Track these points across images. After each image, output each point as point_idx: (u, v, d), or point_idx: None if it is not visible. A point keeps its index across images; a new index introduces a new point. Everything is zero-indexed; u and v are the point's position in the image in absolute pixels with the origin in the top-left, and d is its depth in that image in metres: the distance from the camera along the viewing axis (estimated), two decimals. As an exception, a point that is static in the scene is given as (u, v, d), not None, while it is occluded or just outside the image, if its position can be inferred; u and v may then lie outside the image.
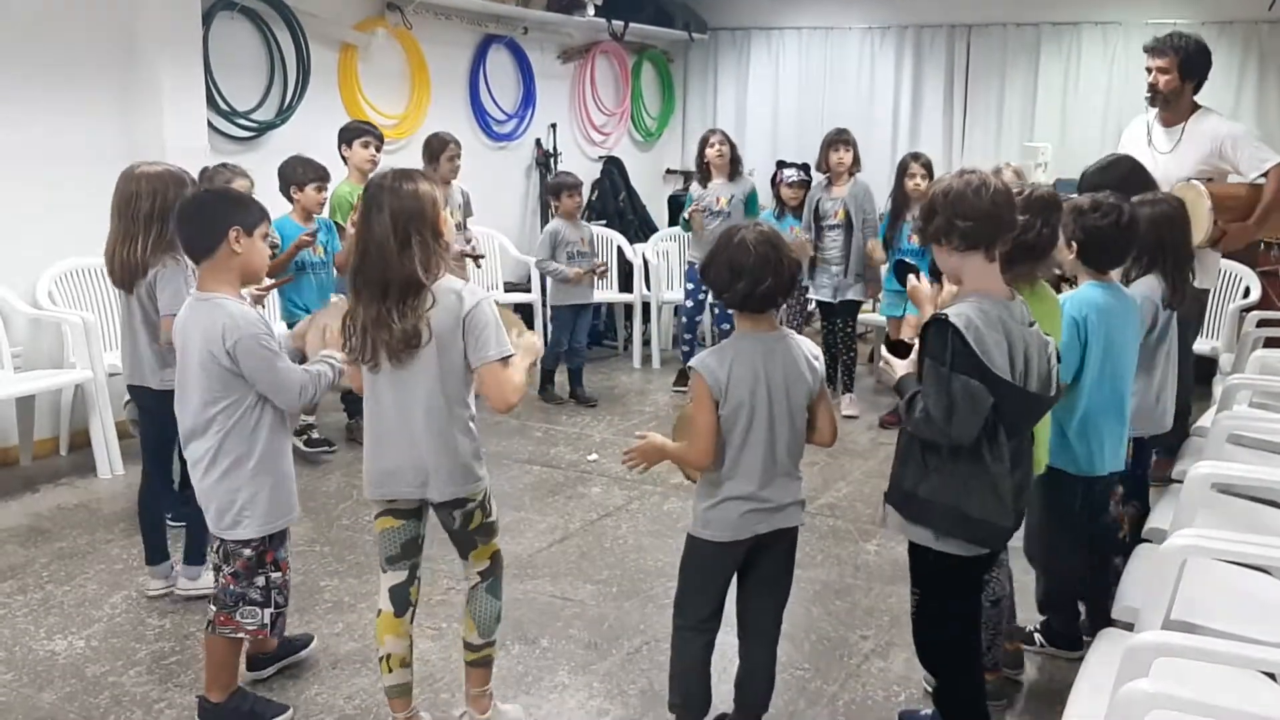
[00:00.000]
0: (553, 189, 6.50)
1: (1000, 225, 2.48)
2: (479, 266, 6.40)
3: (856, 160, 6.03)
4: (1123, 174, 3.91)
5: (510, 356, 2.63)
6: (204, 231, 2.79)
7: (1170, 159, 4.64)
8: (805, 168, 6.24)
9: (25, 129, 5.05)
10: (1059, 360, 2.62)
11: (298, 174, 5.02)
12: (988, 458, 2.45)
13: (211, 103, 5.73)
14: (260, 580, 2.87)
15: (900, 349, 2.67)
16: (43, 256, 5.14)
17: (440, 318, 2.57)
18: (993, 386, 2.39)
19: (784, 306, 6.10)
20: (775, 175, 6.32)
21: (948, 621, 2.68)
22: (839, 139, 6.02)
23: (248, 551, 2.85)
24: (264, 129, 6.07)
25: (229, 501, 2.81)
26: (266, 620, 2.89)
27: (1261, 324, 4.99)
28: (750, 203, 6.39)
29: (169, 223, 3.37)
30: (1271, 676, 2.27)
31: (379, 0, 6.72)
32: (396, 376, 2.62)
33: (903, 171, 5.80)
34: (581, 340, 6.43)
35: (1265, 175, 4.59)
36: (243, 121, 5.97)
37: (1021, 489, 2.57)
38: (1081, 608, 3.41)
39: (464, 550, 2.81)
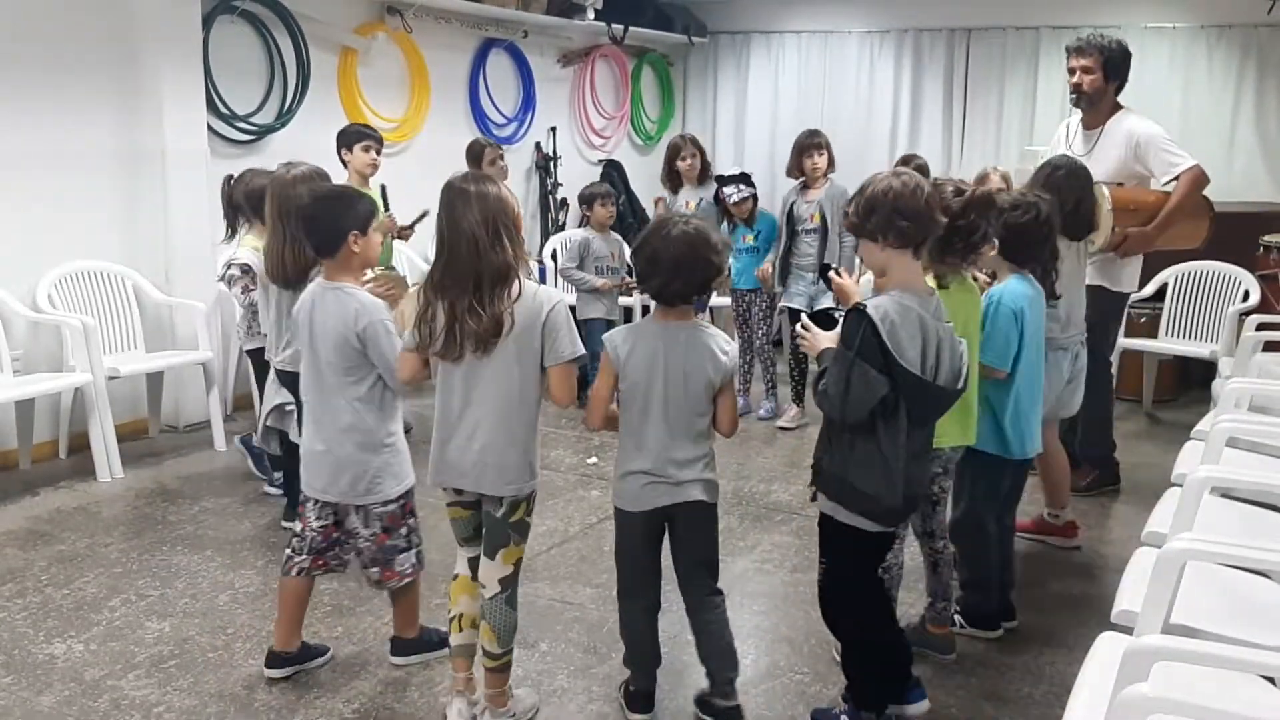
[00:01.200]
0: (585, 198, 6.43)
1: (932, 226, 2.68)
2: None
3: (831, 162, 5.87)
4: (1048, 174, 3.98)
5: (580, 358, 2.78)
6: (327, 235, 3.05)
7: (1087, 161, 4.55)
8: (745, 179, 6.08)
9: (26, 132, 5.06)
10: (965, 359, 2.77)
11: None
12: (882, 438, 2.62)
13: (211, 106, 5.74)
14: (404, 529, 3.17)
15: (825, 321, 2.82)
16: (43, 259, 5.15)
17: (523, 312, 2.70)
18: (900, 378, 2.56)
19: (761, 317, 6.13)
20: (717, 192, 6.16)
21: (852, 590, 2.87)
22: (811, 143, 5.84)
23: (392, 507, 3.12)
24: (264, 132, 6.08)
25: (362, 470, 3.05)
26: (415, 559, 3.20)
27: (1260, 328, 4.98)
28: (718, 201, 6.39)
29: None
30: (1271, 681, 2.27)
31: (379, 4, 6.72)
32: (473, 369, 2.74)
33: None
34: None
35: (1176, 180, 4.52)
36: (243, 125, 5.97)
37: (917, 479, 2.75)
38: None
39: (494, 546, 2.86)
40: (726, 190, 6.06)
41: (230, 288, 4.60)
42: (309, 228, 3.14)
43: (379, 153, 5.47)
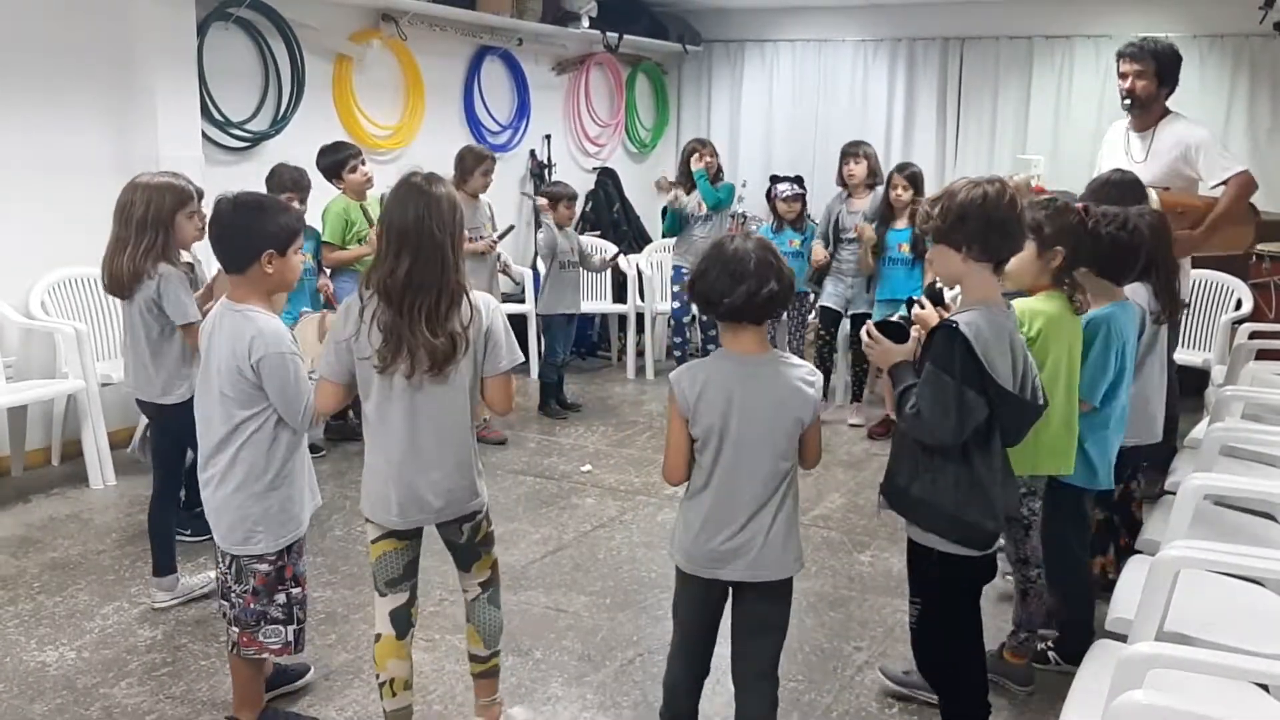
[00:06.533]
0: (551, 196, 6.33)
1: (1020, 243, 2.56)
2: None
3: (872, 173, 5.97)
4: (1123, 191, 3.85)
5: (519, 365, 2.64)
6: (238, 250, 2.75)
7: (1144, 168, 4.56)
8: (799, 180, 6.26)
9: (19, 139, 5.05)
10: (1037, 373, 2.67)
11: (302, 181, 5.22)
12: (978, 462, 2.49)
13: (206, 113, 5.73)
14: (281, 597, 2.82)
15: (891, 331, 2.62)
16: (36, 266, 5.13)
17: (472, 328, 2.54)
18: (995, 396, 2.44)
19: (784, 315, 6.21)
20: (769, 190, 6.35)
21: (954, 625, 2.70)
22: (850, 151, 6.00)
23: (265, 567, 2.79)
24: (258, 140, 6.07)
25: (241, 516, 2.76)
26: (290, 637, 2.84)
27: (1253, 336, 5.00)
28: (727, 198, 6.61)
29: (161, 232, 3.51)
30: (1264, 688, 2.27)
31: (374, 12, 6.72)
32: (416, 391, 2.53)
33: (886, 183, 5.81)
34: (565, 350, 6.46)
35: (1225, 183, 4.49)
36: (237, 132, 5.96)
37: (1010, 501, 2.62)
38: None
39: (467, 562, 2.79)
40: (780, 187, 6.21)
41: None
42: (217, 239, 2.77)
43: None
